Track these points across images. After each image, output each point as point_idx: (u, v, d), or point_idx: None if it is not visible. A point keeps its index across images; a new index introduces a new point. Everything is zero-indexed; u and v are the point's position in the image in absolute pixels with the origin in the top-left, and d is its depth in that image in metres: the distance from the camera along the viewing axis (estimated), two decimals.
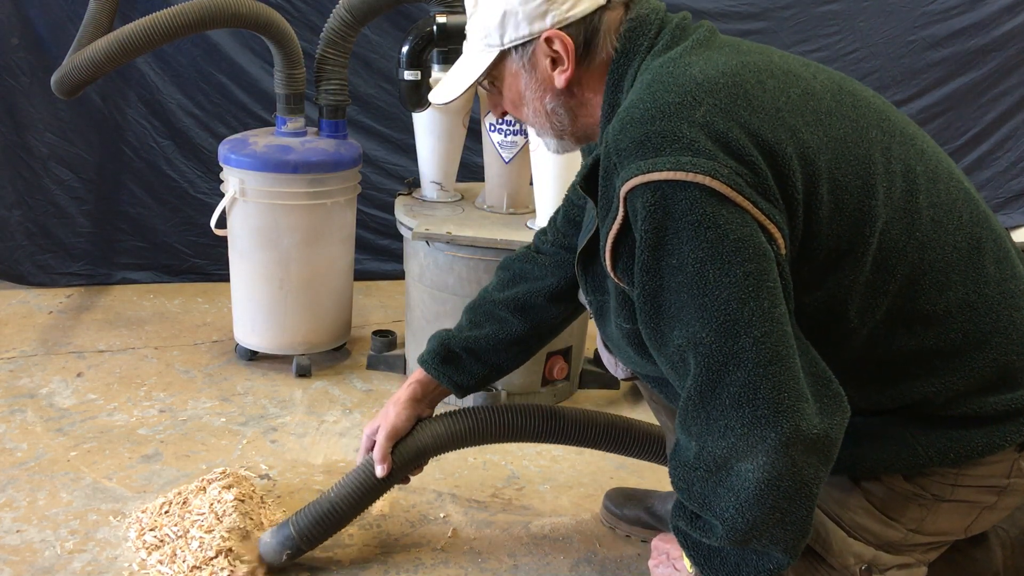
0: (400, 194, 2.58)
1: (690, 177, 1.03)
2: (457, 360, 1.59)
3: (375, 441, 1.59)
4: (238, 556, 1.60)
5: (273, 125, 2.47)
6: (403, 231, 2.37)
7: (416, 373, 1.62)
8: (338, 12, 2.34)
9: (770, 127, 1.08)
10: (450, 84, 1.33)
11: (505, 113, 1.36)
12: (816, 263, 1.12)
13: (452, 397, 1.66)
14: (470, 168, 2.95)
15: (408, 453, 1.58)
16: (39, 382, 2.34)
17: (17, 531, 1.71)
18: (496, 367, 1.60)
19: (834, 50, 3.50)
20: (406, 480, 1.66)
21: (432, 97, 1.37)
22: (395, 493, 1.90)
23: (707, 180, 1.03)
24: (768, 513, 1.07)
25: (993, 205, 3.81)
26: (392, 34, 3.03)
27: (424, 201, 2.52)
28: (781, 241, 1.07)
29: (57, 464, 1.95)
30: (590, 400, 2.42)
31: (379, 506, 1.84)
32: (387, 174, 3.15)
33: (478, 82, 1.30)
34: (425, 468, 2.00)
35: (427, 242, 2.26)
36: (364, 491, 1.59)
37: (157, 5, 2.41)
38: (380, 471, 1.57)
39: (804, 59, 1.24)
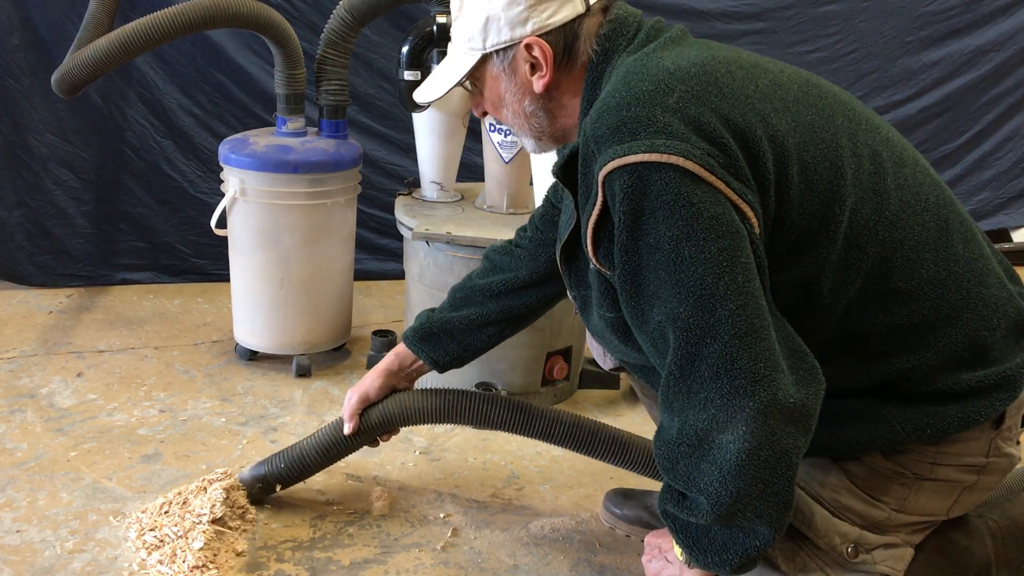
0: (400, 194, 2.58)
1: (664, 158, 1.08)
2: (435, 338, 1.69)
3: None
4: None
5: (273, 125, 2.47)
6: (403, 231, 2.37)
7: (397, 346, 1.74)
8: (338, 12, 2.34)
9: (740, 112, 1.14)
10: (434, 84, 1.40)
11: (486, 113, 1.42)
12: (789, 242, 1.17)
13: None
14: (470, 168, 2.96)
15: (374, 417, 1.72)
16: (39, 382, 2.34)
17: (17, 531, 1.71)
18: (469, 347, 1.70)
19: (834, 50, 3.50)
20: (375, 443, 1.78)
21: (417, 95, 1.43)
22: (395, 493, 1.90)
23: (680, 161, 1.08)
24: (751, 484, 1.10)
25: (994, 205, 3.81)
26: (392, 34, 3.03)
27: (424, 201, 2.52)
28: (754, 220, 1.12)
29: (57, 464, 1.95)
30: (590, 400, 2.42)
31: (379, 506, 1.84)
32: (387, 174, 3.15)
33: (460, 83, 1.35)
34: (425, 468, 2.01)
35: (427, 242, 2.26)
36: (331, 445, 1.75)
37: (157, 5, 2.41)
38: (347, 429, 1.72)
39: (771, 58, 1.30)
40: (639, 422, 2.23)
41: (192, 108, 2.97)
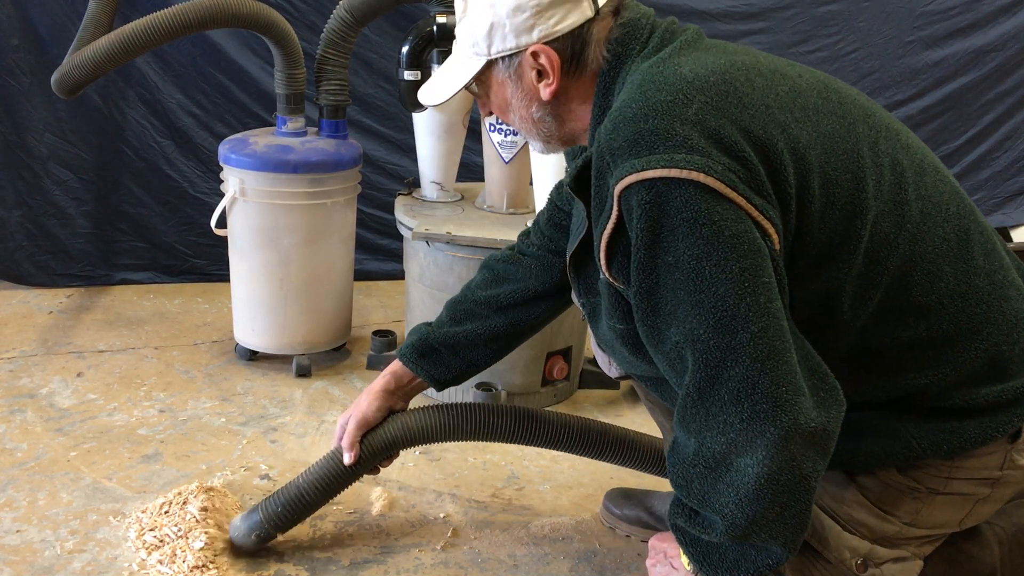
0: (400, 194, 2.58)
1: (684, 174, 1.05)
2: (435, 355, 1.61)
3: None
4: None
5: (273, 125, 2.47)
6: (403, 231, 2.37)
7: (392, 365, 1.65)
8: (338, 12, 2.34)
9: (761, 123, 1.10)
10: (439, 86, 1.35)
11: (492, 113, 1.38)
12: (809, 257, 1.14)
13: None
14: (470, 168, 2.95)
15: (376, 443, 1.61)
16: (39, 382, 2.34)
17: (17, 531, 1.71)
18: (473, 363, 1.63)
19: (834, 50, 3.49)
20: (375, 471, 1.67)
21: (421, 97, 1.39)
22: (395, 493, 1.90)
23: (701, 177, 1.04)
24: (768, 507, 1.07)
25: (992, 204, 3.81)
26: (392, 34, 3.02)
27: (424, 201, 2.52)
28: (775, 236, 1.08)
29: (57, 464, 1.95)
30: (590, 400, 2.42)
31: (379, 506, 1.84)
32: (387, 174, 3.14)
33: (466, 87, 1.32)
34: (425, 468, 2.01)
35: (427, 242, 2.26)
36: (332, 478, 1.63)
37: (157, 5, 2.41)
38: (347, 459, 1.60)
39: (788, 60, 1.26)
40: (639, 422, 2.23)
41: (192, 108, 2.96)
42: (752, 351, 1.05)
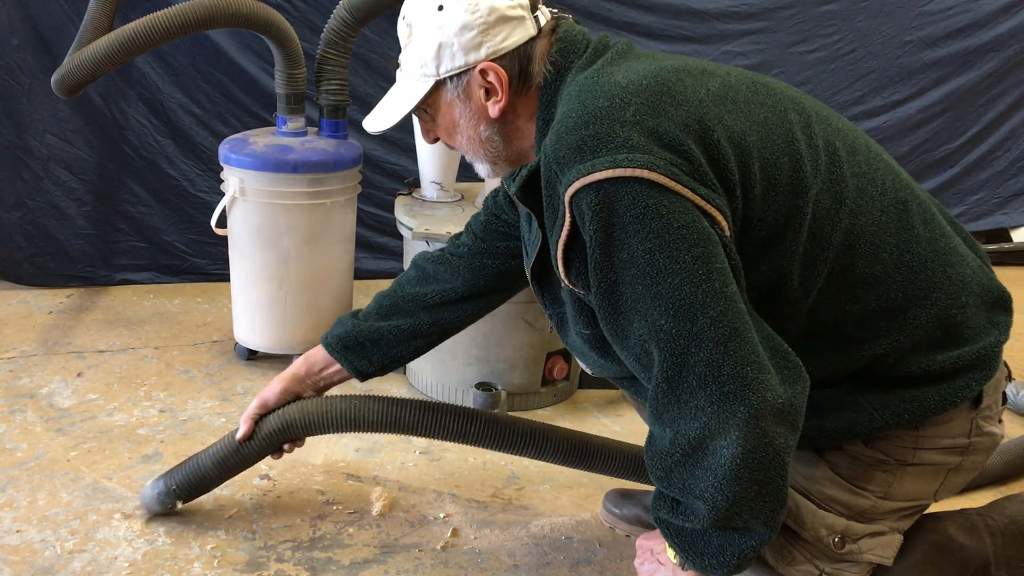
0: (400, 194, 2.58)
1: (628, 172, 1.09)
2: (360, 348, 1.64)
3: None
4: None
5: (273, 125, 2.47)
6: (403, 231, 2.37)
7: (311, 352, 1.69)
8: (338, 12, 2.34)
9: (696, 117, 1.15)
10: (384, 112, 1.39)
11: (437, 139, 1.42)
12: (757, 240, 1.18)
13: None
14: (470, 168, 2.94)
15: (272, 423, 1.65)
16: (39, 382, 2.34)
17: (17, 531, 1.71)
18: (396, 358, 1.66)
19: (833, 50, 3.50)
20: (278, 454, 1.71)
21: (366, 125, 1.43)
22: (395, 493, 1.90)
23: (645, 173, 1.09)
24: (747, 486, 1.10)
25: (992, 204, 3.81)
26: (392, 34, 2.99)
27: (424, 201, 2.52)
28: (724, 223, 1.13)
29: (57, 464, 1.95)
30: (590, 400, 2.42)
31: (379, 506, 1.84)
32: (387, 174, 3.15)
33: (412, 111, 1.35)
34: (425, 468, 2.01)
35: (427, 242, 2.26)
36: (228, 455, 1.68)
37: (157, 5, 2.42)
38: (239, 434, 1.65)
39: (717, 63, 1.32)
40: (639, 422, 2.24)
41: (192, 108, 2.97)
42: (714, 335, 1.08)
